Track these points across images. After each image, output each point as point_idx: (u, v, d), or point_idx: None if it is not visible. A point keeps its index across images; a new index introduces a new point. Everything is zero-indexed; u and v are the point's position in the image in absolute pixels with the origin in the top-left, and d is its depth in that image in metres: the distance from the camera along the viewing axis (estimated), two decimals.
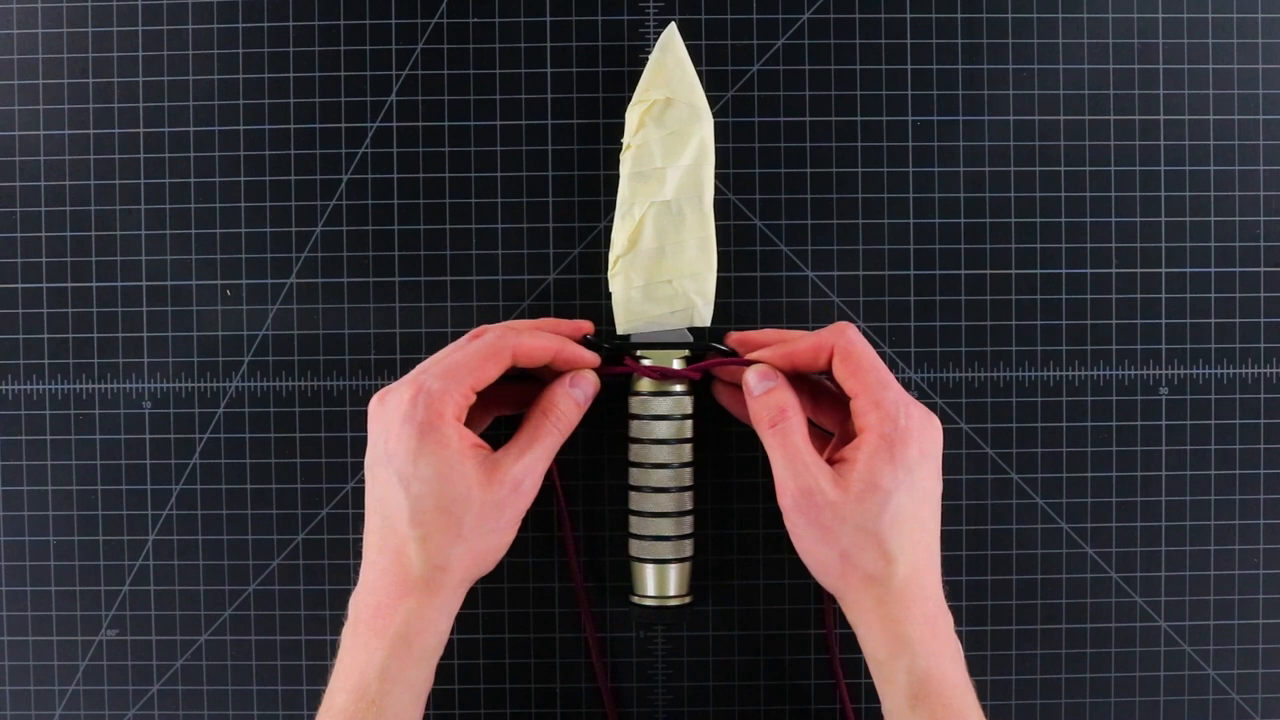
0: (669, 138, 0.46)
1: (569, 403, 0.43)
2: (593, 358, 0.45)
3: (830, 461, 0.42)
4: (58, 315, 0.49)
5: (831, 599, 0.48)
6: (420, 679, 0.41)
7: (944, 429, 0.49)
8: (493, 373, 0.41)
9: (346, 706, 0.39)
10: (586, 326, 0.46)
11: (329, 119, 0.49)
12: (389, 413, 0.41)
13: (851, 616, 0.42)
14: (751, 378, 0.43)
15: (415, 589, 0.40)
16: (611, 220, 0.47)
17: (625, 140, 0.46)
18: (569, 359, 0.44)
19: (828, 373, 0.43)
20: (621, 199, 0.46)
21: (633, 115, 0.46)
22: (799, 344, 0.43)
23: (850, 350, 0.42)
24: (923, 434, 0.41)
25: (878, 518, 0.40)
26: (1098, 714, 0.49)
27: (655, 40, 0.47)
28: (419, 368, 0.42)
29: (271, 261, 0.49)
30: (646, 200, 0.46)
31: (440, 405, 0.40)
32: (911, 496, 0.40)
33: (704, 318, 0.46)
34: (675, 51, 0.46)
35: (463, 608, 0.42)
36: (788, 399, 0.42)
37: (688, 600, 0.46)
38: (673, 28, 0.46)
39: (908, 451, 0.40)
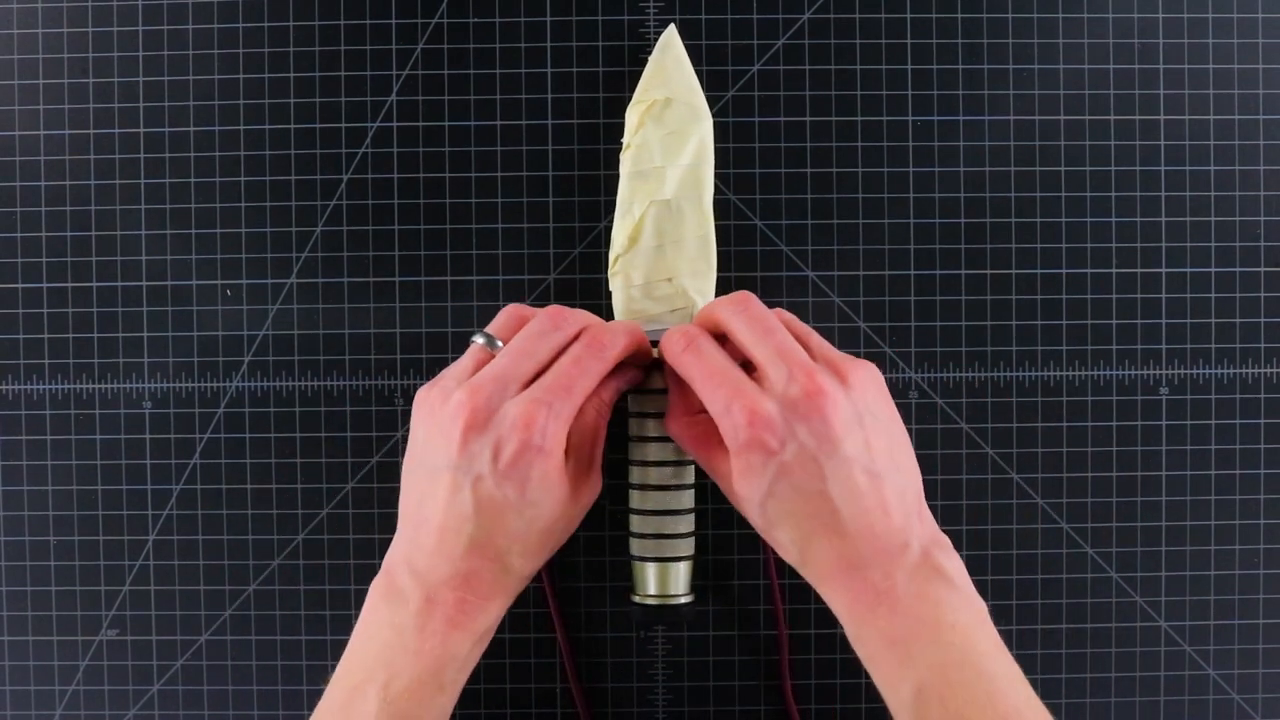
0: (669, 137, 0.46)
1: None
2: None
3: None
4: (58, 315, 0.49)
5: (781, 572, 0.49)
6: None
7: (943, 429, 0.49)
8: (596, 382, 0.41)
9: (414, 687, 0.39)
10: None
11: (329, 119, 0.49)
12: (505, 428, 0.39)
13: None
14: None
15: (502, 593, 0.41)
16: (612, 220, 0.47)
17: (625, 140, 0.46)
18: (642, 349, 0.44)
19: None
20: (621, 198, 0.46)
21: (632, 115, 0.46)
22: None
23: (667, 351, 0.42)
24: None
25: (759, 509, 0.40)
26: (1098, 714, 0.49)
27: (655, 40, 0.47)
28: (514, 370, 0.40)
29: (271, 261, 0.49)
30: (646, 199, 0.46)
31: (561, 434, 0.40)
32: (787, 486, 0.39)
33: None
34: (674, 52, 0.46)
35: None
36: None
37: (689, 599, 0.46)
38: (672, 29, 0.46)
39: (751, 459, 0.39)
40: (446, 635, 0.40)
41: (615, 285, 0.46)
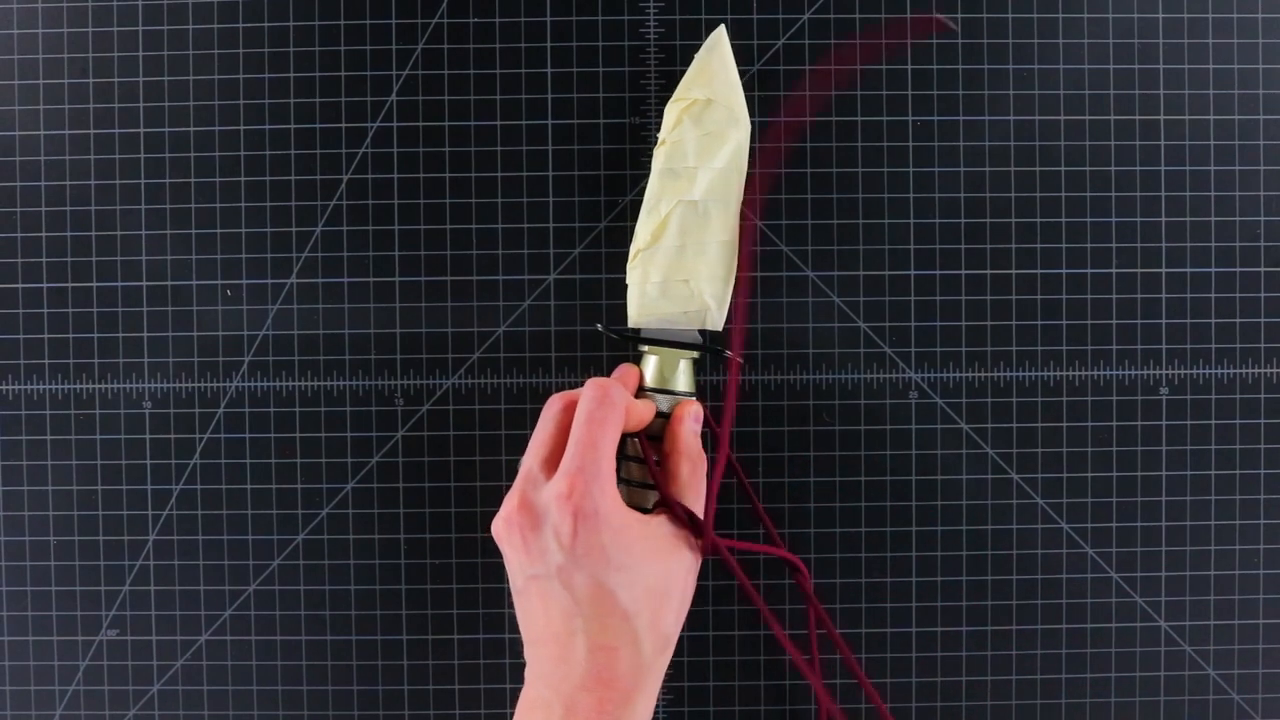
0: (704, 138, 0.46)
1: (695, 440, 0.44)
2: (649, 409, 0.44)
3: None
4: (58, 315, 0.49)
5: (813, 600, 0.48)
6: None
7: (943, 429, 0.49)
8: (618, 428, 0.41)
9: None
10: (633, 374, 0.45)
11: (329, 119, 0.49)
12: (553, 512, 0.39)
13: None
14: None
15: (641, 682, 0.39)
16: (611, 221, 0.47)
17: (661, 135, 0.46)
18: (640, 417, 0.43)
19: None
20: (650, 194, 0.46)
21: (671, 112, 0.46)
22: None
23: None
24: None
25: None
26: (1098, 714, 0.49)
27: (655, 40, 0.47)
28: (533, 460, 0.41)
29: (271, 261, 0.49)
30: (674, 198, 0.46)
31: (605, 488, 0.39)
32: None
33: (716, 322, 0.46)
34: (721, 52, 0.46)
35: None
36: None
37: None
38: (721, 30, 0.46)
39: None
40: None
41: (632, 280, 0.46)
